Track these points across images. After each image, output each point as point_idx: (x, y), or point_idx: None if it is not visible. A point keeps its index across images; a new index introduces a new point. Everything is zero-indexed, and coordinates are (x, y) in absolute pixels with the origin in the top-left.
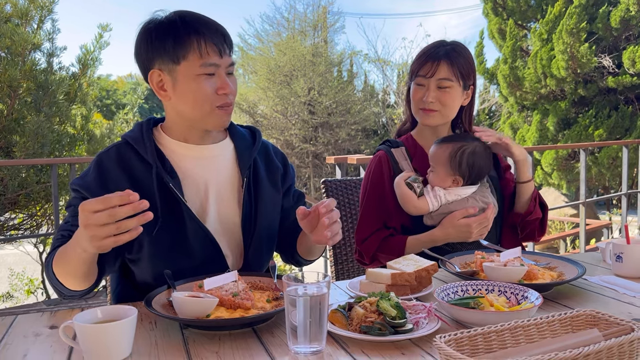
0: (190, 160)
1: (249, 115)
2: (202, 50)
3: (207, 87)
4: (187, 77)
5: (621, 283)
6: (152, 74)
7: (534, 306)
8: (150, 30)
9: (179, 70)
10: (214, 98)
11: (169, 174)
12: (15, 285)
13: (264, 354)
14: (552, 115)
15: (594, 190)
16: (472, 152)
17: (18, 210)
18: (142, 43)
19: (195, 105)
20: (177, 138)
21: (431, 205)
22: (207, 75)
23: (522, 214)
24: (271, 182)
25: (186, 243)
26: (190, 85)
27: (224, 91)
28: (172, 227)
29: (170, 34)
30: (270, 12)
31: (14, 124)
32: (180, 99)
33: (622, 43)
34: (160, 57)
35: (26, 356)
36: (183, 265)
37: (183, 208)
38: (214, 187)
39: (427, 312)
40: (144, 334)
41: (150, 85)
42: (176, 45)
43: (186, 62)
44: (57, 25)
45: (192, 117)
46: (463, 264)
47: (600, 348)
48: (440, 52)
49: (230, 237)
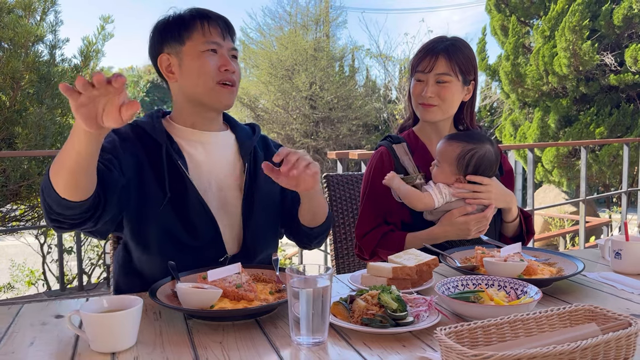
0: (196, 144)
1: (250, 109)
2: (205, 30)
3: (210, 62)
4: (192, 55)
5: (620, 279)
6: (160, 59)
7: (533, 301)
8: (159, 24)
9: (184, 50)
10: (217, 74)
11: (176, 154)
12: (16, 277)
13: (267, 344)
14: (554, 112)
15: (595, 188)
16: (482, 156)
17: (19, 201)
18: (152, 36)
19: (199, 80)
20: (184, 124)
21: (436, 200)
22: (211, 51)
23: (509, 237)
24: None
25: (189, 220)
26: (195, 62)
27: (225, 67)
28: (178, 204)
29: (176, 22)
30: (273, 6)
31: (16, 115)
32: (185, 76)
33: (624, 41)
34: (167, 42)
35: (33, 344)
36: (185, 244)
37: (188, 185)
38: (216, 173)
39: (428, 305)
40: (148, 324)
41: (160, 71)
42: (181, 28)
43: (190, 41)
44: (60, 17)
45: (196, 93)
46: (463, 259)
47: (598, 342)
48: (439, 47)
49: (230, 221)
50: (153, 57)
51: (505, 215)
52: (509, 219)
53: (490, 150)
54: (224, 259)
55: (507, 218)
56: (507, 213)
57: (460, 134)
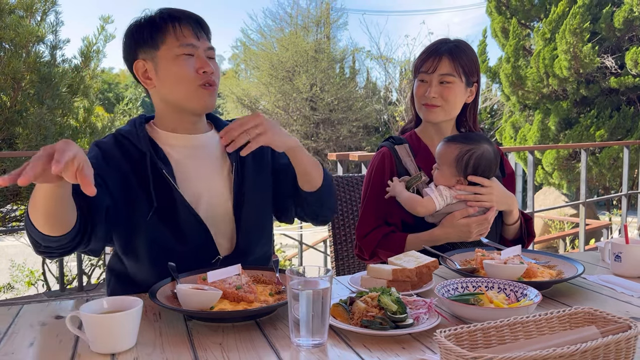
0: (180, 149)
1: (251, 110)
2: (178, 32)
3: (187, 66)
4: (168, 60)
5: (619, 282)
6: (136, 65)
7: (533, 303)
8: (132, 27)
9: (159, 55)
10: (195, 77)
11: (161, 161)
12: (16, 277)
13: (267, 346)
14: (554, 114)
15: (595, 190)
16: (480, 156)
17: (20, 202)
18: (126, 40)
19: (178, 85)
20: (167, 129)
21: (437, 203)
22: (186, 55)
23: (509, 240)
24: (257, 165)
25: (178, 229)
26: (171, 67)
27: (203, 69)
28: (166, 214)
29: (148, 25)
30: (274, 8)
31: (17, 115)
32: (163, 82)
33: (625, 44)
34: (141, 47)
35: (33, 345)
36: (175, 251)
37: (176, 195)
38: (204, 176)
39: (428, 307)
40: (148, 325)
41: (137, 77)
42: (154, 32)
43: (165, 45)
44: (61, 18)
45: (176, 99)
46: (463, 261)
47: (597, 345)
48: (443, 48)
49: (222, 223)
50: (128, 63)
51: (506, 217)
52: (510, 221)
53: (488, 150)
54: (215, 260)
55: (508, 221)
56: (508, 216)
57: (457, 135)
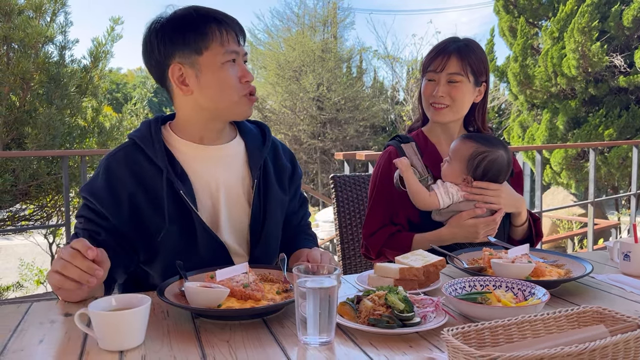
0: (202, 161)
1: (258, 110)
2: (224, 38)
3: (232, 75)
4: (212, 67)
5: (628, 282)
6: (172, 69)
7: (541, 302)
8: (164, 26)
9: (201, 61)
10: (240, 86)
11: (179, 179)
12: (25, 276)
13: (274, 344)
14: (562, 114)
15: (603, 190)
16: (492, 161)
17: (29, 201)
18: (156, 39)
19: (222, 94)
20: (191, 138)
21: (441, 201)
22: (231, 62)
23: (517, 240)
24: (279, 183)
25: (196, 249)
26: (216, 75)
27: (246, 79)
28: (182, 235)
29: (189, 26)
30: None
31: (26, 115)
32: (205, 90)
33: (634, 42)
34: (180, 51)
35: (42, 342)
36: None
37: (194, 217)
38: (225, 189)
39: (435, 306)
40: (156, 322)
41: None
42: (197, 35)
43: (209, 51)
44: (70, 18)
45: (217, 107)
46: (471, 260)
47: (606, 344)
48: (451, 47)
49: (238, 237)
50: (159, 65)
51: (514, 219)
52: (518, 223)
53: (502, 156)
54: None
55: (516, 222)
56: (516, 217)
57: (477, 135)
